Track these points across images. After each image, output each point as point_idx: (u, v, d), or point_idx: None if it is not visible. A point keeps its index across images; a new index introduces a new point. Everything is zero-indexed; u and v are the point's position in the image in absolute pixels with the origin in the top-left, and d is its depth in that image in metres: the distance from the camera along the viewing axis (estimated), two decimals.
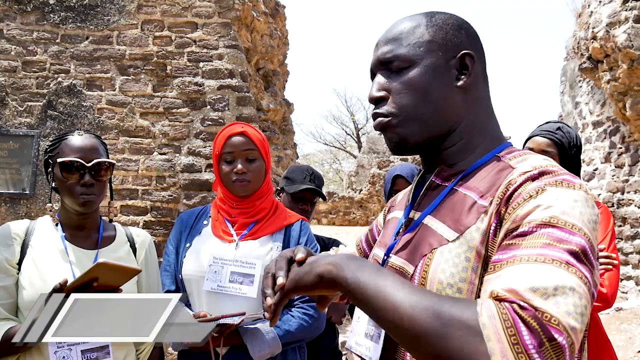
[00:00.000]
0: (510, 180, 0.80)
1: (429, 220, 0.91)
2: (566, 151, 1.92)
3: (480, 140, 0.94)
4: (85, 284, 1.26)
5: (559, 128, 1.97)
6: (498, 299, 0.66)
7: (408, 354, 0.86)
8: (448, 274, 0.81)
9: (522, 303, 0.64)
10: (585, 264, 0.68)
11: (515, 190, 0.78)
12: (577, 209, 0.72)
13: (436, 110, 0.91)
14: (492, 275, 0.71)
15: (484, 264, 0.79)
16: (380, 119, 0.94)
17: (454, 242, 0.84)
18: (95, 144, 1.58)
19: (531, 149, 1.96)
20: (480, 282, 0.79)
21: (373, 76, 0.99)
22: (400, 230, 0.98)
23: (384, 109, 0.93)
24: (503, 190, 0.80)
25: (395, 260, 0.93)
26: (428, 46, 0.92)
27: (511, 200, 0.77)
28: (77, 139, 1.57)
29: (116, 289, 1.34)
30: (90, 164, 1.52)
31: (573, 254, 0.68)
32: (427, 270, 0.84)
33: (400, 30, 0.95)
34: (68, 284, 1.27)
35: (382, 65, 0.95)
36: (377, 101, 0.95)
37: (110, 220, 1.69)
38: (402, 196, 1.14)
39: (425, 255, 0.87)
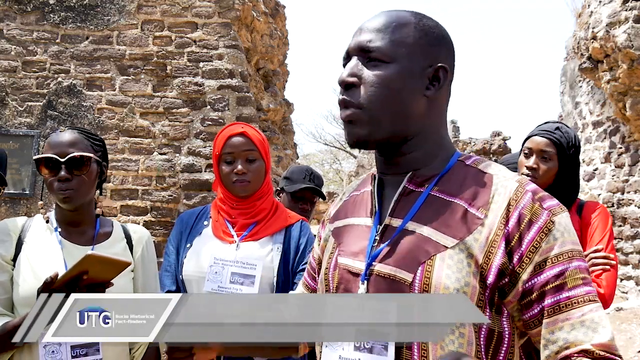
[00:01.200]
0: (509, 201, 0.88)
1: (415, 227, 0.91)
2: (565, 151, 1.92)
3: (438, 149, 0.98)
4: (76, 277, 1.26)
5: (557, 128, 1.96)
6: (600, 358, 0.81)
7: None
8: (454, 279, 0.85)
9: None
10: None
11: (522, 214, 0.87)
12: (573, 232, 0.88)
13: (402, 113, 0.93)
14: (560, 316, 0.84)
15: (481, 270, 0.86)
16: (350, 111, 0.93)
17: (453, 249, 0.87)
18: (75, 139, 1.56)
19: (530, 149, 1.96)
20: (480, 287, 0.85)
21: (347, 58, 0.98)
22: (377, 237, 0.95)
23: (355, 99, 0.93)
24: (504, 211, 0.87)
25: (382, 268, 0.91)
26: (410, 49, 0.93)
27: (523, 227, 0.86)
28: (56, 135, 1.57)
29: (107, 283, 1.33)
30: (64, 159, 1.51)
31: (591, 281, 0.88)
32: (429, 277, 0.86)
33: (387, 23, 0.95)
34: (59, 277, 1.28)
35: (361, 52, 0.94)
36: (347, 86, 0.94)
37: (98, 216, 1.68)
38: (350, 202, 1.09)
39: (424, 262, 0.87)
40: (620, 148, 6.17)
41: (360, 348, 0.90)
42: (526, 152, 1.97)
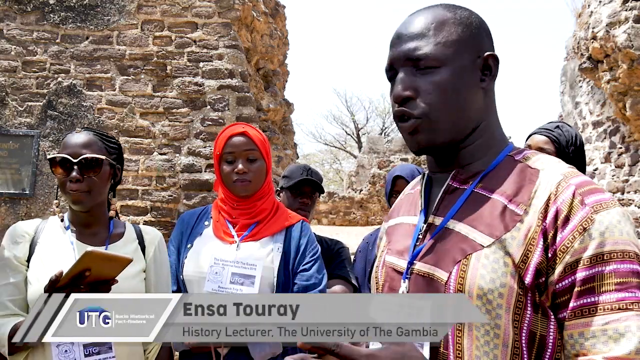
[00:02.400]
0: (549, 196, 0.83)
1: (455, 225, 0.89)
2: (563, 149, 1.93)
3: (492, 140, 0.95)
4: (79, 275, 1.26)
5: (557, 126, 1.99)
6: None
7: None
8: (488, 279, 0.82)
9: None
10: None
11: (559, 210, 0.81)
12: (624, 231, 0.80)
13: (464, 112, 0.91)
14: (580, 321, 0.78)
15: (518, 270, 0.81)
16: (413, 120, 0.91)
17: (490, 248, 0.84)
18: (90, 140, 1.58)
19: (529, 147, 1.97)
20: (520, 287, 0.81)
21: (391, 70, 0.95)
22: (420, 236, 0.95)
23: (416, 110, 0.90)
24: (543, 206, 0.82)
25: (421, 267, 0.91)
26: (457, 46, 0.90)
27: (559, 224, 0.81)
28: (72, 136, 1.59)
29: (112, 280, 1.34)
30: (76, 160, 1.53)
31: (638, 287, 0.78)
32: (464, 277, 0.84)
33: (426, 25, 0.92)
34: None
35: (409, 62, 0.91)
36: (403, 100, 0.91)
37: (111, 218, 1.69)
38: (404, 201, 1.10)
39: (460, 261, 0.85)
40: (620, 148, 6.17)
41: None
42: None
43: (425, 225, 0.95)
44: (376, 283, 1.02)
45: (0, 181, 3.76)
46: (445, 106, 0.90)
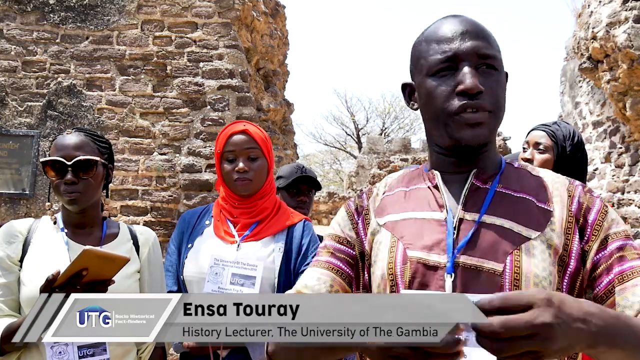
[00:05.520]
0: (567, 192, 0.99)
1: (493, 220, 0.96)
2: (560, 143, 1.97)
3: (496, 150, 1.06)
4: (77, 274, 1.26)
5: (555, 122, 2.05)
6: None
7: None
8: (541, 268, 0.92)
9: None
10: None
11: (580, 202, 0.98)
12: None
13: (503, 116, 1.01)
14: (628, 284, 0.90)
15: (561, 258, 0.94)
16: (480, 114, 0.95)
17: (536, 240, 0.93)
18: (82, 142, 1.57)
19: (527, 142, 2.05)
20: (558, 276, 0.93)
21: (450, 60, 0.96)
22: (455, 231, 0.97)
23: (486, 104, 0.95)
24: (567, 202, 0.97)
25: (467, 260, 0.94)
26: (500, 56, 1.00)
27: (584, 212, 0.97)
28: (63, 138, 1.58)
29: (109, 281, 1.33)
30: (70, 162, 1.52)
31: None
32: (519, 267, 0.92)
33: (484, 30, 0.99)
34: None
35: (476, 58, 0.95)
36: (474, 93, 0.94)
37: (104, 218, 1.69)
38: (400, 197, 1.07)
39: (511, 252, 0.92)
40: (620, 148, 6.17)
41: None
42: (524, 146, 2.06)
43: (455, 220, 0.99)
44: (392, 280, 0.98)
45: (0, 181, 3.76)
46: (502, 107, 0.99)
